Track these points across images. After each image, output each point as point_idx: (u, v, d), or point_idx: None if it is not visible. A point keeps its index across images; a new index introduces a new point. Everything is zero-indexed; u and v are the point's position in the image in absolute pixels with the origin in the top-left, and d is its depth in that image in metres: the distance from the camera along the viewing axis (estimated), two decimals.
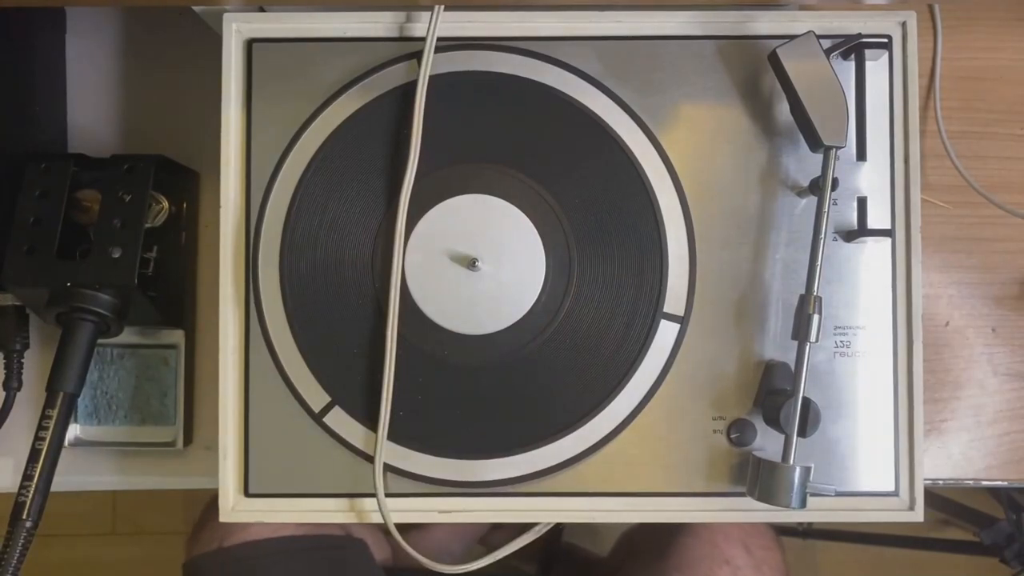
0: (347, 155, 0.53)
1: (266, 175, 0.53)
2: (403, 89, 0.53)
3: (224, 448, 0.52)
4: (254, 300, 0.53)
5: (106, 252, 0.53)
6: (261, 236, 0.53)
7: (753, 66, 0.53)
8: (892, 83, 0.53)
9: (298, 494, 0.53)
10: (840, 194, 0.53)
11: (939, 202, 0.60)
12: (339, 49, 0.53)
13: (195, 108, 0.61)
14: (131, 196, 0.55)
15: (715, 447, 0.52)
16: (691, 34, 0.53)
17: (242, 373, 0.53)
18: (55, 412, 0.52)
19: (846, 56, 0.53)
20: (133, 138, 0.63)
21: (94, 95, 0.63)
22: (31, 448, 0.51)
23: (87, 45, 0.63)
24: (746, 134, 0.53)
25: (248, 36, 0.54)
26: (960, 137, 0.60)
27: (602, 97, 0.53)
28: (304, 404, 0.52)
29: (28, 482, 0.51)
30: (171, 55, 0.63)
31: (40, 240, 0.54)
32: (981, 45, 0.61)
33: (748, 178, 0.53)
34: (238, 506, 0.53)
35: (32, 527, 0.50)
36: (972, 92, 0.61)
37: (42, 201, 0.55)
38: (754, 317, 0.52)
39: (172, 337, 0.60)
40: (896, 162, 0.53)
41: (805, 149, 0.52)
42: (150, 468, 0.61)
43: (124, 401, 0.60)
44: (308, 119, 0.53)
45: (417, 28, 0.53)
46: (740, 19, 0.53)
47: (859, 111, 0.53)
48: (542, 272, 0.51)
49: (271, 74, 0.53)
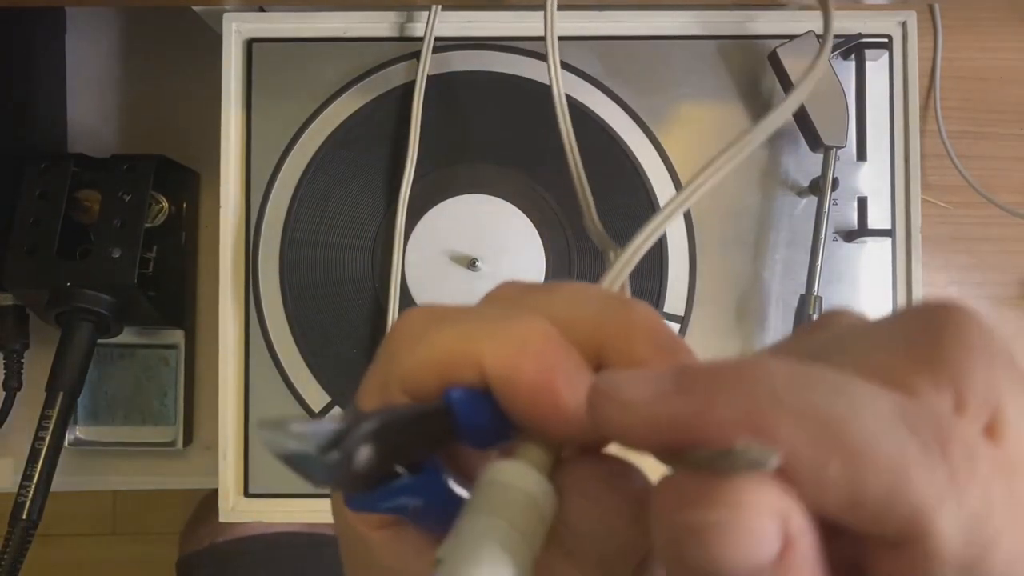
0: (347, 155, 0.53)
1: (266, 175, 0.53)
2: (403, 89, 0.53)
3: (224, 448, 0.52)
4: (254, 300, 0.53)
5: (106, 252, 0.53)
6: (261, 236, 0.53)
7: (753, 66, 0.53)
8: (892, 83, 0.53)
9: (298, 495, 0.53)
10: (840, 194, 0.52)
11: (939, 202, 0.60)
12: (339, 49, 0.53)
13: (195, 108, 0.61)
14: (131, 196, 0.55)
15: None
16: (691, 34, 0.53)
17: (242, 373, 0.53)
18: (55, 412, 0.52)
19: (846, 56, 0.53)
20: (133, 138, 0.63)
21: (94, 95, 0.63)
22: (31, 448, 0.51)
23: (87, 45, 0.63)
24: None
25: (248, 36, 0.54)
26: (960, 137, 0.60)
27: (602, 97, 0.53)
28: (304, 404, 0.52)
29: (28, 482, 0.51)
30: (171, 55, 0.63)
31: (40, 240, 0.54)
32: (981, 45, 0.61)
33: (748, 178, 0.53)
34: (238, 506, 0.53)
35: (32, 527, 0.50)
36: (972, 92, 0.61)
37: (42, 201, 0.55)
38: (754, 317, 0.52)
39: (172, 337, 0.60)
40: (896, 162, 0.53)
41: (805, 149, 0.52)
42: (150, 468, 0.61)
43: (124, 401, 0.60)
44: (308, 119, 0.53)
45: (417, 28, 0.53)
46: (740, 19, 0.53)
47: (859, 111, 0.53)
48: (542, 272, 0.51)
49: (271, 74, 0.53)
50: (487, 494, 0.19)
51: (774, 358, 0.16)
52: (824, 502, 0.15)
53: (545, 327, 0.20)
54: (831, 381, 0.15)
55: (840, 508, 0.15)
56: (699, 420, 0.15)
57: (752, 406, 0.15)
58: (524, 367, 0.19)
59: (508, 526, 0.18)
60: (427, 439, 0.20)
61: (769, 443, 0.14)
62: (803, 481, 0.15)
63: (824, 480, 0.14)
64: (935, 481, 0.14)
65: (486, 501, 0.19)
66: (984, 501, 0.14)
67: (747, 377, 0.15)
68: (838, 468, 0.14)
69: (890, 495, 0.14)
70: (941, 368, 0.16)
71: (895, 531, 0.15)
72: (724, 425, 0.15)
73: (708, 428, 0.15)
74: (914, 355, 0.16)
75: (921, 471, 0.14)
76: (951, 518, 0.14)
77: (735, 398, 0.15)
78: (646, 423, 0.16)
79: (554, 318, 0.20)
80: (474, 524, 0.18)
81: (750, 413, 0.15)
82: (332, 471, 0.18)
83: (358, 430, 0.18)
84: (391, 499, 0.20)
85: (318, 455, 0.17)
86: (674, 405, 0.15)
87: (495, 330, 0.20)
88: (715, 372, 0.16)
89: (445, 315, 0.21)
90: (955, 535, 0.14)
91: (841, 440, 0.14)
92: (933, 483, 0.14)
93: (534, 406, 0.19)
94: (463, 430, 0.20)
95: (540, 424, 0.19)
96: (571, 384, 0.19)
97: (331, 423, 0.18)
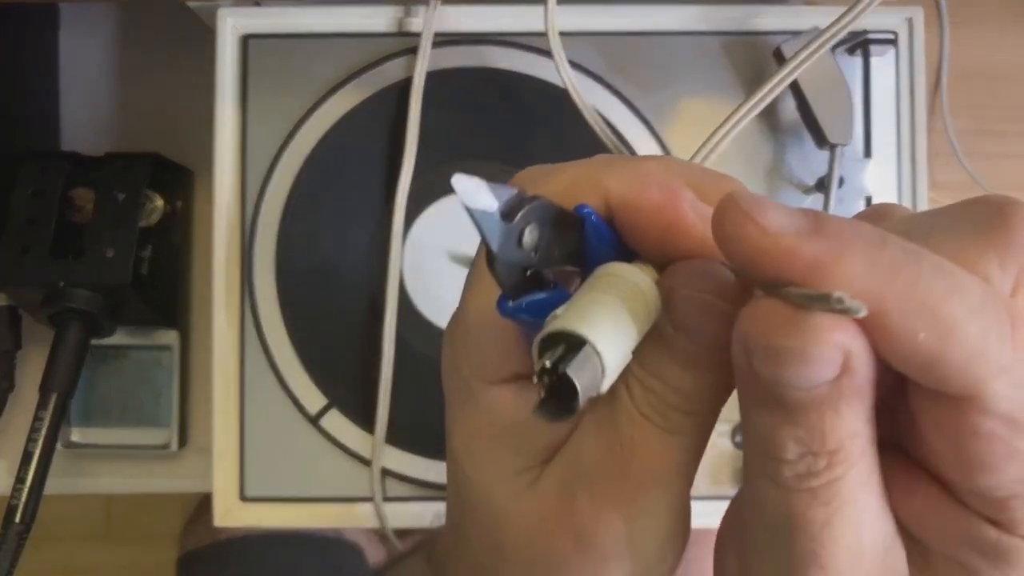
0: (344, 152, 0.52)
1: (261, 173, 0.52)
2: (401, 85, 0.52)
3: (219, 451, 0.52)
4: (249, 300, 0.52)
5: (100, 251, 0.52)
6: (256, 235, 0.52)
7: (758, 62, 0.52)
8: (898, 80, 0.52)
9: (294, 498, 0.52)
10: (846, 192, 0.52)
11: (946, 201, 0.59)
12: (335, 44, 0.53)
13: (190, 105, 0.60)
14: (125, 195, 0.54)
15: (719, 451, 0.51)
16: (695, 29, 0.52)
17: (237, 375, 0.52)
18: (47, 413, 0.51)
19: (852, 52, 0.52)
20: (127, 136, 0.62)
21: (88, 93, 0.62)
22: (24, 450, 0.51)
23: (80, 42, 0.62)
24: (751, 131, 0.52)
25: (243, 31, 0.53)
26: (967, 135, 0.59)
27: (605, 93, 0.52)
28: (300, 407, 0.52)
29: (21, 484, 0.50)
30: (166, 52, 0.62)
31: (34, 239, 0.53)
32: (988, 42, 0.60)
33: (753, 176, 0.52)
34: (233, 510, 0.52)
35: (25, 530, 0.49)
36: (979, 89, 0.60)
37: (35, 200, 0.54)
38: None
39: (166, 338, 0.59)
40: (903, 160, 0.52)
41: (811, 146, 0.52)
42: (144, 471, 0.60)
43: (117, 403, 0.59)
44: (304, 116, 0.52)
45: (415, 23, 0.52)
46: (745, 14, 0.52)
47: (865, 108, 0.52)
48: None
49: (266, 70, 0.52)
50: (600, 279, 0.21)
51: (892, 233, 0.18)
52: (904, 357, 0.17)
53: (663, 166, 0.23)
54: (936, 263, 0.18)
55: (916, 365, 0.17)
56: (829, 265, 0.17)
57: (874, 268, 0.17)
58: (648, 192, 0.22)
59: (618, 301, 0.20)
60: (566, 246, 0.21)
61: (876, 305, 0.17)
62: (894, 338, 0.17)
63: (913, 342, 0.17)
64: (1002, 357, 0.17)
65: (599, 283, 0.21)
66: None
67: (876, 242, 0.17)
68: (928, 336, 0.17)
69: (963, 364, 0.17)
70: (1006, 251, 0.19)
71: (956, 389, 0.17)
72: (848, 277, 0.17)
73: (834, 274, 0.17)
74: (984, 239, 0.19)
75: (993, 349, 0.17)
76: (1007, 383, 0.17)
77: (864, 257, 0.17)
78: (779, 251, 0.18)
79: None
80: (587, 295, 0.20)
81: (872, 273, 0.17)
82: (506, 237, 0.19)
83: (529, 207, 0.19)
84: (539, 311, 0.20)
85: (498, 216, 0.18)
86: (812, 244, 0.17)
87: (618, 167, 0.22)
88: (852, 227, 0.18)
89: (562, 164, 0.24)
90: (1006, 395, 0.17)
91: (937, 315, 0.17)
92: (1001, 358, 0.17)
93: (656, 224, 0.22)
94: (589, 246, 0.22)
95: (659, 240, 0.22)
96: (693, 205, 0.21)
97: (512, 189, 0.19)
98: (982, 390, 0.17)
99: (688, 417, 0.23)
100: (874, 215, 0.23)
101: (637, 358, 0.22)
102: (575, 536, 0.24)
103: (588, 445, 0.24)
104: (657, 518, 0.24)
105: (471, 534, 0.27)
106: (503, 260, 0.19)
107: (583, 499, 0.24)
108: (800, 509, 0.19)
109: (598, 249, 0.22)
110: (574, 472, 0.24)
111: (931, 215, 0.21)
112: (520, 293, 0.21)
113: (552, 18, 0.47)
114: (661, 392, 0.22)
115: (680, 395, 0.23)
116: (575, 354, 0.18)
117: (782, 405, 0.18)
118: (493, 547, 0.26)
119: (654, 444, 0.23)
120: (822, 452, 0.18)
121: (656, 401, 0.23)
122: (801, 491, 0.19)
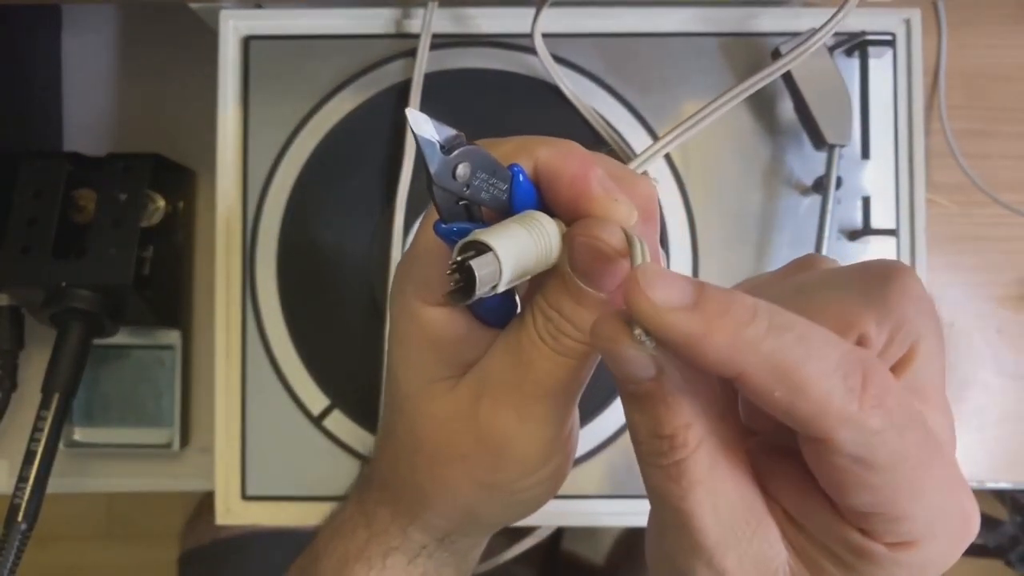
0: (344, 153, 0.52)
1: (263, 173, 0.52)
2: (401, 86, 0.52)
3: (220, 450, 0.52)
4: (251, 301, 0.52)
5: (102, 252, 0.53)
6: (258, 235, 0.52)
7: (756, 63, 0.52)
8: (896, 81, 0.53)
9: (295, 497, 0.52)
10: (844, 193, 0.52)
11: (944, 201, 0.60)
12: (336, 46, 0.53)
13: (192, 106, 0.61)
14: (127, 195, 0.54)
15: None
16: (694, 31, 0.53)
17: (239, 375, 0.52)
18: (50, 413, 0.52)
19: (850, 53, 0.52)
20: (129, 137, 0.62)
21: (90, 93, 0.63)
22: (26, 449, 0.51)
23: (83, 43, 0.63)
24: (749, 132, 0.52)
25: (245, 33, 0.53)
26: (965, 135, 0.59)
27: (604, 94, 0.52)
28: (303, 407, 0.52)
29: (23, 484, 0.50)
30: (167, 53, 0.63)
31: (36, 239, 0.53)
32: (986, 42, 0.60)
33: (751, 177, 0.52)
34: (235, 509, 0.52)
35: (27, 529, 0.49)
36: (977, 90, 0.60)
37: (37, 200, 0.54)
38: None
39: (168, 338, 0.59)
40: (900, 161, 0.52)
41: (809, 147, 0.52)
42: (146, 470, 0.60)
43: (119, 402, 0.59)
44: (305, 117, 0.52)
45: (414, 24, 0.53)
46: (743, 15, 0.52)
47: (863, 109, 0.52)
48: None
49: (268, 71, 0.53)
50: (521, 217, 0.26)
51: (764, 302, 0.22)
52: (766, 407, 0.22)
53: (585, 149, 0.28)
54: (799, 334, 0.21)
55: (777, 413, 0.22)
56: (699, 339, 0.21)
57: (735, 342, 0.21)
58: (568, 161, 0.27)
59: (527, 233, 0.26)
60: (496, 194, 0.26)
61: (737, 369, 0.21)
62: (755, 393, 0.22)
63: (770, 396, 0.21)
64: (846, 411, 0.21)
65: (518, 219, 0.26)
66: (883, 421, 0.21)
67: (745, 319, 0.21)
68: (782, 394, 0.21)
69: (810, 416, 0.21)
70: (882, 312, 0.24)
71: (812, 432, 0.22)
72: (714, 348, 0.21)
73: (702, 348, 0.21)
74: (866, 300, 0.24)
75: (840, 406, 0.21)
76: (852, 431, 0.21)
77: (728, 334, 0.21)
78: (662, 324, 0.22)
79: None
80: (505, 224, 0.26)
81: (732, 346, 0.21)
82: (443, 166, 0.24)
83: (465, 148, 0.25)
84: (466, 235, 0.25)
85: (438, 147, 0.24)
86: (687, 322, 0.21)
87: (550, 142, 0.28)
88: (725, 304, 0.22)
89: (510, 137, 0.29)
90: (851, 440, 0.21)
91: (790, 378, 0.21)
92: (844, 412, 0.21)
93: (570, 189, 0.27)
94: (515, 198, 0.27)
95: (571, 202, 0.27)
96: (601, 180, 0.27)
97: (454, 131, 0.24)
98: (831, 436, 0.21)
99: (576, 345, 0.28)
100: (803, 264, 0.28)
101: (542, 292, 0.28)
102: (476, 433, 0.30)
103: (496, 361, 0.30)
104: (543, 424, 0.30)
105: (396, 429, 0.33)
106: (439, 186, 0.24)
107: (486, 403, 0.30)
108: (659, 482, 0.24)
109: (522, 202, 0.27)
110: (483, 382, 0.30)
111: (834, 274, 0.27)
112: (454, 220, 0.26)
113: (539, 19, 0.47)
114: (557, 321, 0.28)
115: (571, 325, 0.28)
116: (483, 257, 0.24)
117: (632, 396, 0.24)
118: (411, 439, 0.32)
119: (546, 362, 0.28)
120: (664, 436, 0.23)
121: (553, 328, 0.28)
122: (656, 467, 0.24)
